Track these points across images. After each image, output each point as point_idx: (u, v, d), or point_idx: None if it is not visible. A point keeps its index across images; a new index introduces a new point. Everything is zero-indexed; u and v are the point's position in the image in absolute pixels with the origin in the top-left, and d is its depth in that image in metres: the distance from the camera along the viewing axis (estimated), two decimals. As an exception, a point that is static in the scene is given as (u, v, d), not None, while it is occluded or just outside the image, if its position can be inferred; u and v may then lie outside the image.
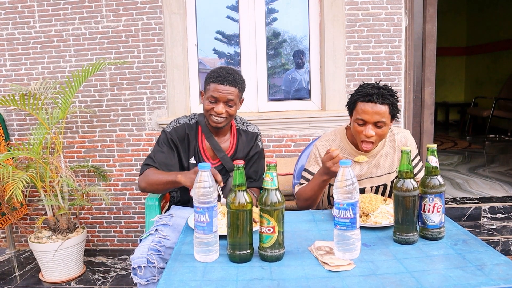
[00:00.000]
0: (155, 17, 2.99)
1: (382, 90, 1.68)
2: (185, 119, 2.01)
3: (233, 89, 1.85)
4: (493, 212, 3.07)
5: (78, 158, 3.18)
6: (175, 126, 1.98)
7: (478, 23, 7.43)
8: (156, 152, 1.93)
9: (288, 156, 3.06)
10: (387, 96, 1.67)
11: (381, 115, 1.67)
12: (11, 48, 3.10)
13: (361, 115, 1.69)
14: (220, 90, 1.83)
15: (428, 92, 3.03)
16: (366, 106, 1.68)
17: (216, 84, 1.84)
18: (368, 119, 1.68)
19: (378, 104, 1.66)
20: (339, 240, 1.23)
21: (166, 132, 1.96)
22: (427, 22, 2.96)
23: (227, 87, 1.84)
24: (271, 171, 1.21)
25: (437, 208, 1.33)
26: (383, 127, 1.70)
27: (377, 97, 1.66)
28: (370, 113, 1.67)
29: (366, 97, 1.68)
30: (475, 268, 1.13)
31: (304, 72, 3.23)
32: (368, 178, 1.86)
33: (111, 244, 3.29)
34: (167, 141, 1.95)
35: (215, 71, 1.89)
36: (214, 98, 1.84)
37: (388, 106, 1.68)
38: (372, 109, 1.67)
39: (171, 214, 1.87)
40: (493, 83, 6.78)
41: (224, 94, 1.83)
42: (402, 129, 1.95)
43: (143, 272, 1.59)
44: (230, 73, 1.86)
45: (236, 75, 1.87)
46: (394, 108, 1.70)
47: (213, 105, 1.85)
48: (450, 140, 6.27)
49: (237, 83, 1.86)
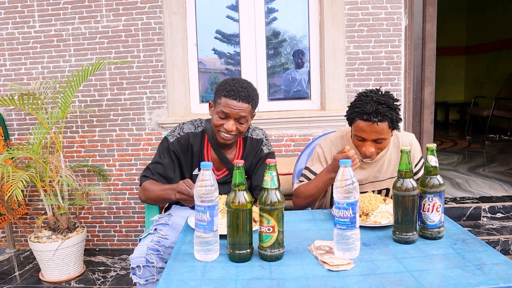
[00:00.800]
0: (155, 16, 2.99)
1: (380, 108, 1.60)
2: (190, 127, 1.90)
3: (246, 105, 1.72)
4: (493, 211, 3.07)
5: (78, 158, 3.18)
6: (178, 135, 1.86)
7: (478, 23, 7.43)
8: (156, 163, 1.84)
9: (288, 156, 3.06)
10: (386, 113, 1.60)
11: (380, 133, 1.63)
12: (11, 48, 3.10)
13: (359, 133, 1.66)
14: (232, 106, 1.70)
15: (428, 91, 3.03)
16: (364, 125, 1.63)
17: (228, 99, 1.70)
18: (366, 137, 1.66)
19: (375, 124, 1.60)
20: (339, 239, 1.23)
21: (168, 141, 1.85)
22: (427, 21, 2.96)
23: (239, 103, 1.70)
24: (271, 171, 1.21)
25: (437, 207, 1.33)
26: (383, 142, 1.68)
27: (374, 116, 1.59)
28: (368, 132, 1.63)
29: (363, 116, 1.62)
30: (475, 268, 1.13)
31: (304, 71, 3.23)
32: (370, 183, 1.85)
33: (111, 243, 3.29)
34: (168, 152, 1.84)
35: (228, 83, 1.75)
36: (225, 114, 1.71)
37: (388, 122, 1.62)
38: (370, 128, 1.62)
39: (171, 214, 1.87)
40: (493, 82, 6.78)
41: (236, 110, 1.70)
42: (407, 133, 1.90)
43: (142, 272, 1.59)
44: (244, 87, 1.72)
45: (250, 90, 1.75)
46: (394, 122, 1.64)
47: (223, 121, 1.73)
48: (450, 139, 6.27)
49: (250, 99, 1.73)
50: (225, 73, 3.29)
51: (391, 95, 1.69)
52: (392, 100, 1.65)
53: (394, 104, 1.65)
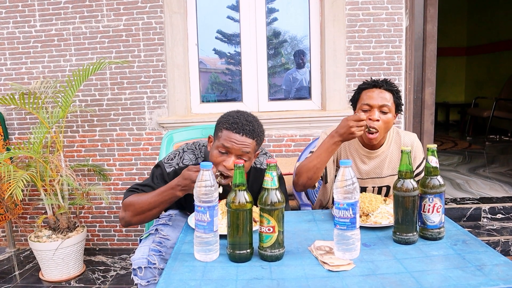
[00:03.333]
0: (155, 16, 2.99)
1: (386, 80, 1.79)
2: (191, 157, 1.73)
3: (250, 140, 1.56)
4: (493, 212, 3.07)
5: (78, 157, 3.18)
6: (176, 167, 1.69)
7: (479, 24, 7.42)
8: (146, 186, 1.67)
9: (289, 156, 3.06)
10: (392, 85, 1.77)
11: (386, 100, 1.74)
12: (12, 47, 3.10)
13: (367, 100, 1.75)
14: (234, 140, 1.54)
15: (429, 92, 3.02)
16: (371, 92, 1.75)
17: (230, 132, 1.55)
18: (373, 104, 1.73)
19: (383, 90, 1.74)
20: (339, 240, 1.23)
21: (164, 170, 1.69)
22: (428, 22, 2.96)
23: (243, 138, 1.55)
24: (271, 171, 1.21)
25: (437, 208, 1.33)
26: (388, 113, 1.74)
27: (381, 83, 1.75)
28: (375, 97, 1.74)
29: (371, 85, 1.76)
30: (475, 269, 1.13)
31: (304, 72, 3.23)
32: (371, 178, 1.87)
33: (111, 243, 3.29)
34: (162, 180, 1.67)
35: (231, 115, 1.60)
36: (226, 149, 1.55)
37: (392, 94, 1.76)
38: (377, 94, 1.74)
39: (171, 214, 1.86)
40: (494, 83, 6.77)
41: (239, 145, 1.54)
42: (409, 132, 1.92)
43: (144, 273, 1.58)
44: (249, 121, 1.58)
45: (255, 124, 1.60)
46: (398, 98, 1.78)
47: (223, 157, 1.57)
48: (450, 140, 6.26)
49: (255, 134, 1.58)
50: (226, 73, 3.29)
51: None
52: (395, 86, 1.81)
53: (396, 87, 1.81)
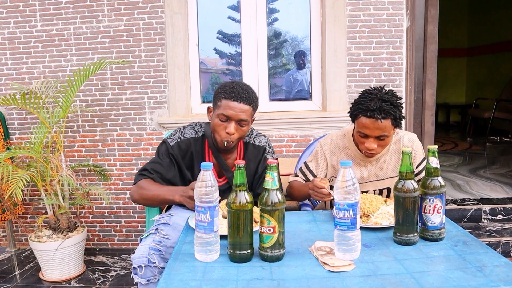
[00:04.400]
0: (156, 16, 2.99)
1: (384, 105, 1.61)
2: (191, 131, 1.85)
3: (247, 107, 1.69)
4: (494, 213, 3.07)
5: (79, 157, 3.18)
6: (179, 139, 1.81)
7: (480, 25, 7.42)
8: (154, 163, 1.78)
9: (289, 157, 3.06)
10: (390, 110, 1.62)
11: (383, 130, 1.65)
12: (13, 47, 3.10)
13: (363, 130, 1.68)
14: (233, 107, 1.67)
15: (429, 93, 3.02)
16: (367, 122, 1.64)
17: (229, 101, 1.67)
18: (369, 134, 1.67)
19: (379, 121, 1.62)
20: (340, 240, 1.23)
21: (168, 144, 1.81)
22: (429, 23, 2.95)
23: (241, 105, 1.67)
24: (272, 171, 1.21)
25: (438, 209, 1.33)
26: (385, 139, 1.69)
27: (378, 113, 1.61)
28: (372, 128, 1.65)
29: (367, 112, 1.63)
30: (475, 270, 1.13)
31: (305, 72, 3.23)
32: (371, 181, 1.86)
33: (111, 243, 3.29)
34: (168, 154, 1.79)
35: (227, 86, 1.71)
36: (226, 117, 1.68)
37: (391, 120, 1.64)
38: (373, 125, 1.64)
39: (171, 214, 1.87)
40: (494, 84, 6.77)
41: (237, 112, 1.67)
42: (409, 132, 1.91)
43: (144, 272, 1.59)
44: (244, 89, 1.70)
45: (250, 92, 1.72)
46: (397, 120, 1.66)
47: (224, 123, 1.69)
48: (451, 141, 6.26)
49: (251, 101, 1.70)
50: (227, 73, 3.29)
51: (395, 93, 1.71)
52: (395, 98, 1.67)
53: (398, 102, 1.67)
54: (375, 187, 1.87)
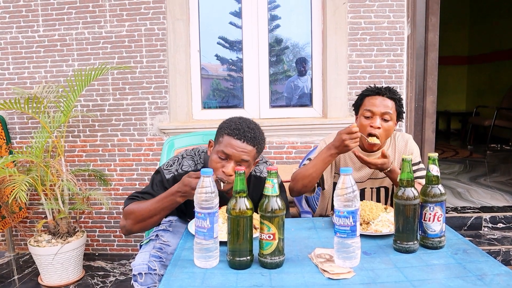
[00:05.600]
0: (158, 22, 3.00)
1: (389, 87, 1.82)
2: (190, 163, 1.72)
3: (251, 148, 1.55)
4: (494, 221, 3.06)
5: (79, 162, 3.18)
6: (175, 173, 1.68)
7: (480, 33, 7.45)
8: (147, 193, 1.66)
9: (289, 163, 3.05)
10: (395, 93, 1.81)
11: (389, 107, 1.77)
12: (15, 52, 3.11)
13: (369, 107, 1.78)
14: (235, 146, 1.53)
15: (430, 100, 3.03)
16: (374, 99, 1.79)
17: (231, 138, 1.54)
18: (376, 111, 1.77)
19: (386, 98, 1.78)
20: (339, 248, 1.22)
21: (163, 176, 1.68)
22: (429, 31, 2.97)
23: (243, 145, 1.54)
24: (272, 178, 1.21)
25: (438, 217, 1.33)
26: (389, 121, 1.77)
27: (384, 91, 1.79)
28: (378, 104, 1.77)
29: (374, 91, 1.80)
30: (476, 278, 1.13)
31: (306, 79, 3.24)
32: (369, 179, 1.90)
33: (110, 248, 3.28)
34: (162, 187, 1.66)
35: (233, 121, 1.58)
36: (225, 155, 1.54)
37: (395, 102, 1.79)
38: (379, 102, 1.77)
39: (171, 220, 1.86)
40: (495, 92, 6.78)
41: (239, 152, 1.53)
42: (404, 133, 1.98)
43: (144, 279, 1.58)
44: (251, 128, 1.56)
45: (257, 131, 1.58)
46: (400, 105, 1.81)
47: (222, 162, 1.55)
48: (451, 149, 6.26)
49: (256, 142, 1.57)
50: (228, 80, 3.30)
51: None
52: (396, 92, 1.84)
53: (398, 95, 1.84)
54: (372, 185, 1.91)
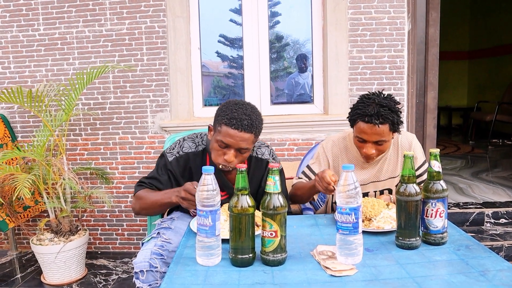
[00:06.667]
0: (158, 20, 3.00)
1: (381, 110, 1.61)
2: (191, 145, 1.77)
3: (248, 135, 1.57)
4: (496, 217, 3.06)
5: (81, 161, 3.19)
6: (177, 155, 1.74)
7: (481, 28, 7.42)
8: (153, 178, 1.76)
9: (291, 160, 3.05)
10: (387, 115, 1.62)
11: (381, 135, 1.65)
12: (15, 51, 3.11)
13: (361, 135, 1.68)
14: (233, 136, 1.56)
15: (431, 96, 3.02)
16: (365, 127, 1.65)
17: (229, 128, 1.56)
18: (367, 139, 1.68)
19: (377, 126, 1.62)
20: (342, 244, 1.22)
21: (166, 159, 1.75)
22: (430, 26, 2.95)
23: (241, 134, 1.55)
24: (274, 175, 1.21)
25: (440, 213, 1.33)
26: (384, 144, 1.70)
27: (376, 118, 1.61)
28: (369, 133, 1.65)
29: (365, 118, 1.64)
30: (478, 274, 1.13)
31: (307, 76, 3.23)
32: (372, 183, 1.87)
33: (113, 246, 3.29)
34: (166, 170, 1.75)
35: (229, 109, 1.60)
36: (225, 144, 1.58)
37: (389, 125, 1.64)
38: (371, 130, 1.64)
39: (173, 218, 1.86)
40: (496, 87, 6.76)
41: (237, 141, 1.56)
42: (408, 133, 1.92)
43: (146, 277, 1.58)
44: (247, 115, 1.58)
45: (253, 117, 1.59)
46: (395, 125, 1.65)
47: (223, 150, 1.60)
48: (453, 144, 6.25)
49: (253, 128, 1.58)
50: (229, 77, 3.29)
51: (393, 97, 1.71)
52: (393, 103, 1.67)
53: (396, 107, 1.66)
54: (375, 188, 1.88)
